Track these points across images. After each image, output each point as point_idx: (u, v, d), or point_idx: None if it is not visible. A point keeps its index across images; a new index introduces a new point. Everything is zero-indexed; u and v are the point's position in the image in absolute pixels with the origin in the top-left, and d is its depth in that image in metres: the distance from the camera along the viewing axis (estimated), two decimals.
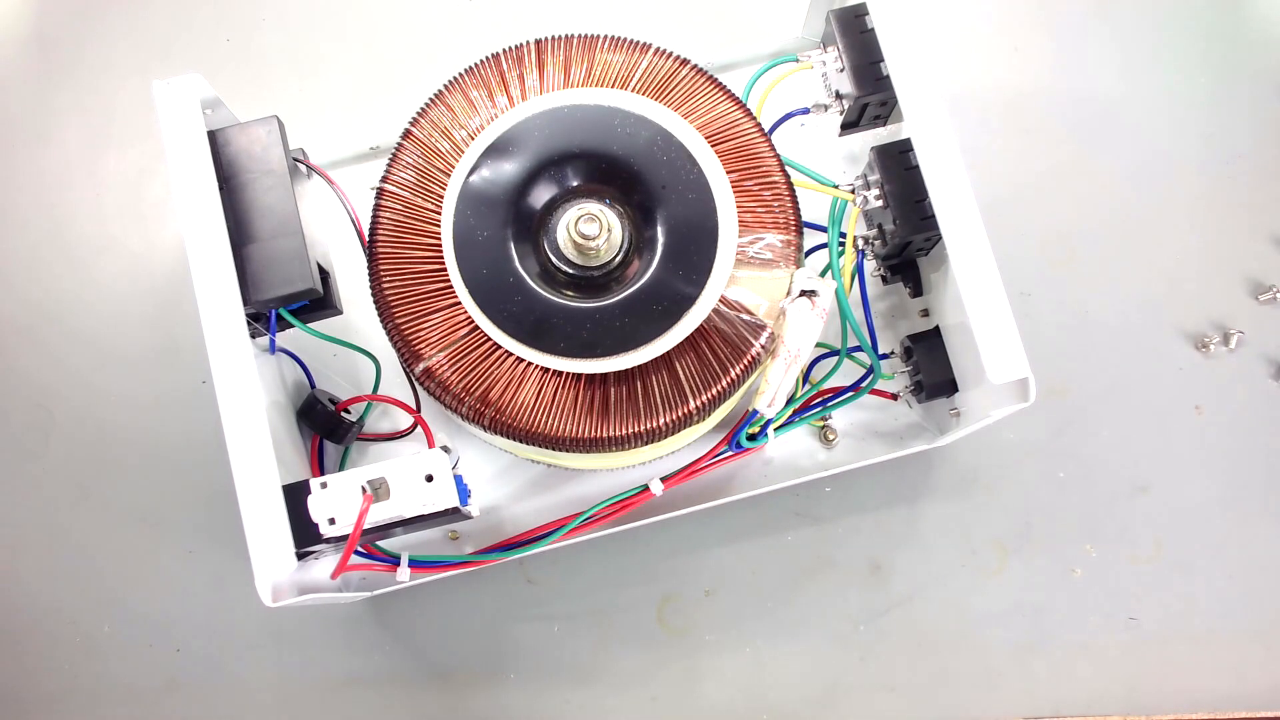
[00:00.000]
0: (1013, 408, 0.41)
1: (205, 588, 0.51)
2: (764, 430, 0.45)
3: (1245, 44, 0.59)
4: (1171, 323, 0.55)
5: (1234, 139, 0.57)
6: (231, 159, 0.43)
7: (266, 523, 0.38)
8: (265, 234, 0.42)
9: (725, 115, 0.44)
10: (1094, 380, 0.54)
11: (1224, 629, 0.51)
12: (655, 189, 0.42)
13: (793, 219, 0.43)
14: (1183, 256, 0.55)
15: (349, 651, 0.51)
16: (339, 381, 0.51)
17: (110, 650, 0.51)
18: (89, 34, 0.59)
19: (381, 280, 0.42)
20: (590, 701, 0.50)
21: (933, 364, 0.47)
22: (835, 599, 0.51)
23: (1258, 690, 0.50)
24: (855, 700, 0.50)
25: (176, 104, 0.41)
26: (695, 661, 0.51)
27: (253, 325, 0.42)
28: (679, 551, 0.52)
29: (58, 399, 0.54)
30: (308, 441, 0.48)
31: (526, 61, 0.44)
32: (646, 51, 0.44)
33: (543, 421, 0.41)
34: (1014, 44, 0.59)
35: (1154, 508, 0.52)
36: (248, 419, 0.39)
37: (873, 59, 0.44)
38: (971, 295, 0.40)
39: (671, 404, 0.41)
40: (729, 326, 0.41)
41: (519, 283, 0.41)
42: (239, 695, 0.50)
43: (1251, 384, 0.54)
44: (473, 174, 0.42)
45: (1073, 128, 0.57)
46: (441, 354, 0.41)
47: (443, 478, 0.38)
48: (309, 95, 0.58)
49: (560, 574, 0.51)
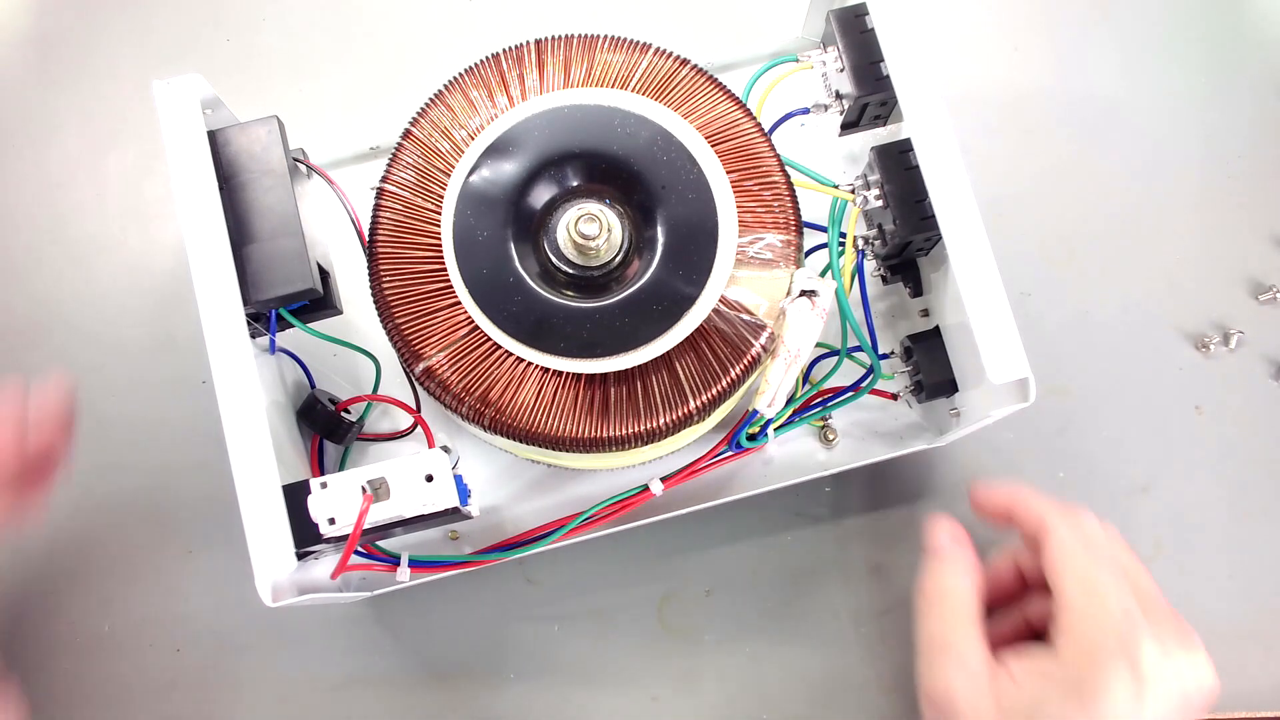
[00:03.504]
0: (1013, 408, 0.41)
1: (205, 588, 0.51)
2: (764, 430, 0.45)
3: (1245, 44, 0.59)
4: (1171, 323, 0.55)
5: (1234, 139, 0.57)
6: (231, 159, 0.43)
7: (266, 523, 0.38)
8: (265, 234, 0.42)
9: (725, 115, 0.44)
10: (1094, 380, 0.54)
11: (1224, 629, 0.51)
12: (655, 189, 0.42)
13: (793, 219, 0.43)
14: (1183, 256, 0.55)
15: (349, 651, 0.51)
16: (339, 381, 0.51)
17: (110, 650, 0.51)
18: (89, 34, 0.59)
19: (381, 280, 0.42)
20: (590, 701, 0.50)
21: (933, 364, 0.47)
22: (835, 599, 0.51)
23: (1258, 690, 0.50)
24: (855, 700, 0.50)
25: (176, 104, 0.41)
26: (695, 661, 0.51)
27: (253, 325, 0.42)
28: (679, 551, 0.52)
29: None
30: (308, 441, 0.48)
31: (526, 61, 0.44)
32: (646, 51, 0.44)
33: (543, 421, 0.41)
34: (1014, 44, 0.59)
35: (1154, 508, 0.52)
36: (248, 419, 0.39)
37: (873, 59, 0.44)
38: (971, 295, 0.40)
39: (671, 404, 0.41)
40: (729, 326, 0.41)
41: (519, 283, 0.41)
42: (239, 695, 0.50)
43: (1251, 384, 0.54)
44: (473, 174, 0.42)
45: (1073, 128, 0.57)
46: (441, 354, 0.41)
47: (443, 478, 0.38)
48: (309, 95, 0.58)
49: (560, 574, 0.51)
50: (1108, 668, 0.40)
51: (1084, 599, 0.42)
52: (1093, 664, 0.40)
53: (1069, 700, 0.40)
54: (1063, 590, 0.42)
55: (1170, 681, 0.40)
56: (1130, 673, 0.40)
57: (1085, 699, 0.40)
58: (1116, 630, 0.40)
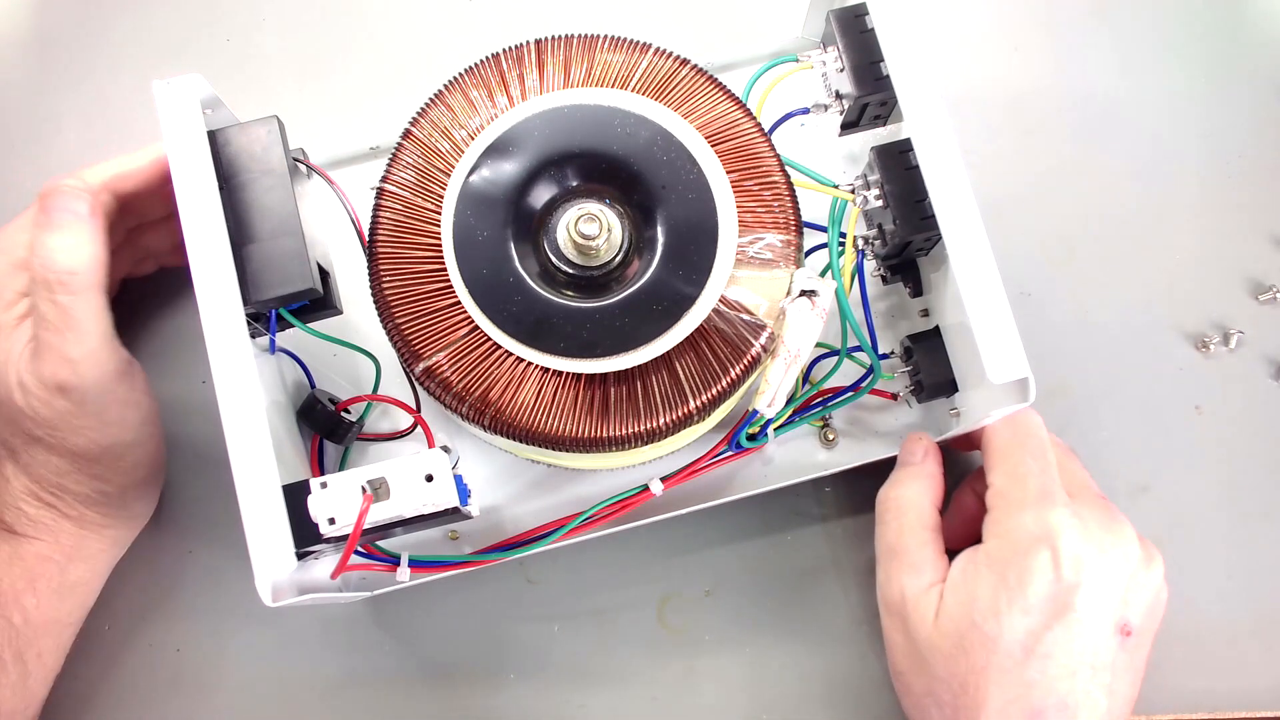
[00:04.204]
0: (1013, 408, 0.41)
1: (205, 588, 0.51)
2: (764, 430, 0.45)
3: (1245, 44, 0.59)
4: (1171, 323, 0.55)
5: (1234, 139, 0.57)
6: (231, 159, 0.43)
7: (266, 523, 0.38)
8: (265, 234, 0.42)
9: (725, 115, 0.44)
10: (1094, 380, 0.54)
11: (1224, 629, 0.51)
12: (655, 189, 0.42)
13: (793, 219, 0.43)
14: (1183, 256, 0.55)
15: (349, 651, 0.51)
16: (339, 381, 0.51)
17: (110, 650, 0.51)
18: (89, 34, 0.59)
19: (381, 280, 0.42)
20: (590, 701, 0.50)
21: (933, 364, 0.47)
22: (835, 599, 0.51)
23: (1258, 690, 0.50)
24: (855, 700, 0.50)
25: (176, 104, 0.41)
26: (695, 661, 0.51)
27: (253, 325, 0.42)
28: (679, 551, 0.52)
29: None
30: (308, 441, 0.48)
31: (526, 61, 0.44)
32: (646, 51, 0.44)
33: (543, 421, 0.41)
34: (1014, 44, 0.59)
35: (1154, 508, 0.52)
36: (248, 419, 0.39)
37: (873, 59, 0.44)
38: (971, 295, 0.40)
39: (671, 404, 0.41)
40: (729, 326, 0.41)
41: (519, 283, 0.41)
42: (239, 695, 0.50)
43: (1251, 384, 0.54)
44: (473, 174, 0.42)
45: (1073, 128, 0.57)
46: (441, 354, 0.41)
47: (443, 478, 0.38)
48: (309, 95, 0.58)
49: (560, 574, 0.51)
50: (1028, 550, 0.40)
51: (1007, 485, 0.42)
52: (1014, 547, 0.41)
53: (999, 588, 0.41)
54: (991, 482, 0.43)
55: (1092, 559, 0.40)
56: (1049, 551, 0.40)
57: (1010, 583, 0.40)
58: (1034, 511, 0.41)
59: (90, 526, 0.46)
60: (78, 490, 0.45)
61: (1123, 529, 0.42)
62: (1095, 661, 0.40)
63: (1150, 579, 0.42)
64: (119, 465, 0.45)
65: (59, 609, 0.46)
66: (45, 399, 0.42)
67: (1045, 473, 0.42)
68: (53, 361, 0.41)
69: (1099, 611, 0.40)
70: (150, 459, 0.47)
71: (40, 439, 0.43)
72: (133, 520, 0.49)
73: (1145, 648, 0.43)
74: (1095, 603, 0.40)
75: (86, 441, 0.43)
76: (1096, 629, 0.40)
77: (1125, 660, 0.41)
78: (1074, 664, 0.40)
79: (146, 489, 0.49)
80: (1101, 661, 0.40)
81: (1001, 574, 0.41)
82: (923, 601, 0.43)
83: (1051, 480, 0.42)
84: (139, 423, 0.45)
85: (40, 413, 0.42)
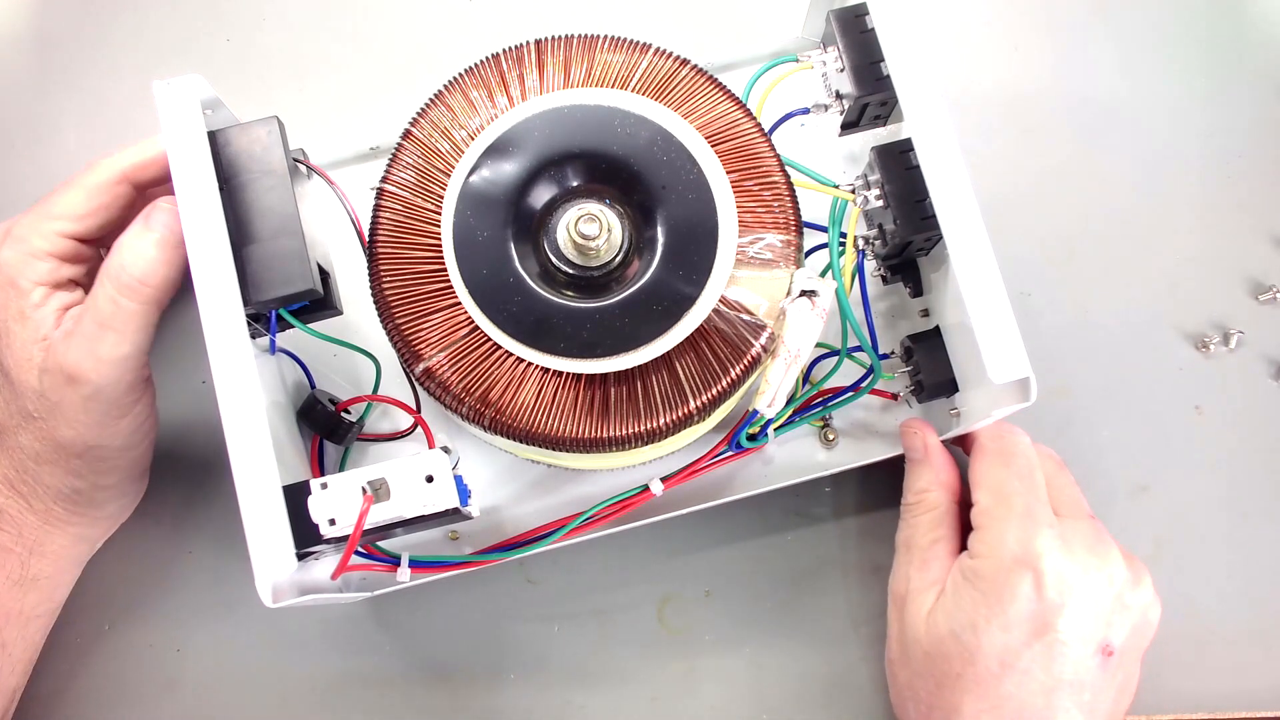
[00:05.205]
0: (1013, 408, 0.41)
1: (205, 588, 0.51)
2: (764, 430, 0.45)
3: (1245, 44, 0.59)
4: (1171, 323, 0.55)
5: (1234, 139, 0.57)
6: (231, 159, 0.42)
7: (266, 523, 0.38)
8: (265, 234, 0.42)
9: (725, 115, 0.44)
10: (1094, 380, 0.54)
11: (1224, 629, 0.51)
12: (655, 189, 0.42)
13: (793, 219, 0.43)
14: (1183, 256, 0.55)
15: (349, 651, 0.51)
16: (339, 381, 0.51)
17: (110, 650, 0.51)
18: (89, 34, 0.59)
19: (381, 280, 0.42)
20: (590, 701, 0.50)
21: (933, 364, 0.47)
22: (835, 599, 0.51)
23: (1258, 690, 0.50)
24: (855, 700, 0.50)
25: (176, 104, 0.41)
26: (695, 661, 0.51)
27: (253, 325, 0.42)
28: (679, 551, 0.52)
29: None
30: (308, 442, 0.48)
31: (526, 61, 0.44)
32: (646, 51, 0.44)
33: (543, 422, 0.41)
34: (1014, 44, 0.59)
35: (1154, 508, 0.52)
36: (248, 419, 0.39)
37: (873, 59, 0.44)
38: (972, 295, 0.40)
39: (671, 404, 0.41)
40: (729, 326, 0.41)
41: (519, 283, 0.41)
42: (239, 695, 0.50)
43: (1251, 384, 0.54)
44: (473, 174, 0.42)
45: (1073, 128, 0.57)
46: (441, 354, 0.41)
47: (443, 478, 0.38)
48: (309, 95, 0.58)
49: (560, 574, 0.51)
50: (1010, 571, 0.41)
51: (992, 503, 0.43)
52: (997, 567, 0.41)
53: (979, 604, 0.41)
54: (977, 500, 0.43)
55: (1076, 581, 0.40)
56: (1032, 574, 0.40)
57: (991, 601, 0.41)
58: (1017, 530, 0.41)
59: (55, 523, 0.46)
60: (50, 484, 0.45)
61: (1108, 550, 0.42)
62: (1075, 680, 0.40)
63: (1137, 599, 0.42)
64: (99, 466, 0.45)
65: (21, 601, 0.46)
66: (57, 382, 0.42)
67: (1031, 492, 0.42)
68: (80, 351, 0.41)
69: (1080, 633, 0.40)
70: (130, 466, 0.47)
71: (35, 418, 0.43)
72: (104, 520, 0.49)
73: (1130, 666, 0.43)
74: (1076, 624, 0.40)
75: (74, 435, 0.43)
76: (1077, 650, 0.40)
77: (1106, 680, 0.41)
78: (1052, 682, 0.40)
79: (123, 492, 0.49)
80: (1082, 681, 0.40)
81: (984, 591, 0.41)
82: (921, 598, 0.44)
83: (1036, 500, 0.42)
84: (130, 433, 0.45)
85: (48, 395, 0.42)
